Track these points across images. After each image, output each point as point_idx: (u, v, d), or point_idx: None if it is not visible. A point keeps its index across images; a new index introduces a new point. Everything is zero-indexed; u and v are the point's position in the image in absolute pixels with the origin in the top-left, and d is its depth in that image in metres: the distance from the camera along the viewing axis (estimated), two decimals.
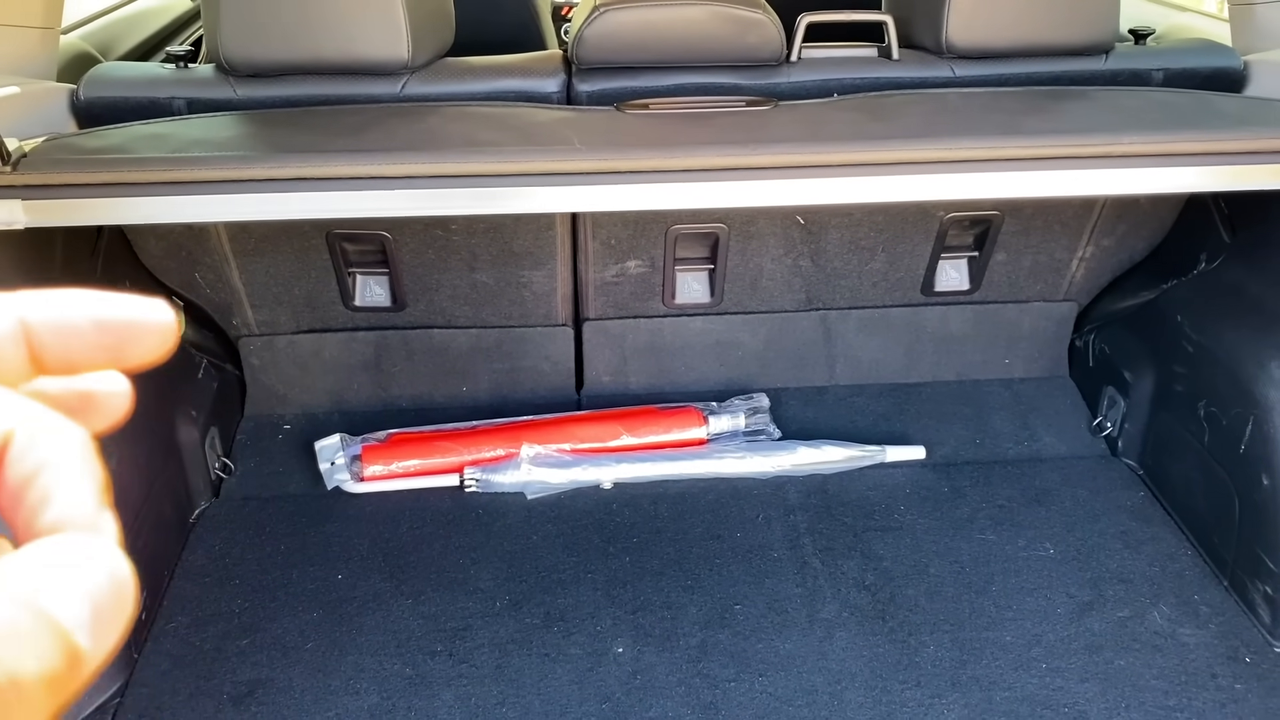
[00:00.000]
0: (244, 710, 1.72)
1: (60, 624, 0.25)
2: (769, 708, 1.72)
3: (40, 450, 0.28)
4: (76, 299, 0.31)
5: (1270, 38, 2.09)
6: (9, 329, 0.30)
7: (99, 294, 0.31)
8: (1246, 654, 1.82)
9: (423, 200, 1.54)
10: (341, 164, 1.52)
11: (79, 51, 2.37)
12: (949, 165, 1.55)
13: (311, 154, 1.52)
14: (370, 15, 1.80)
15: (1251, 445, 1.89)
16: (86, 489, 0.28)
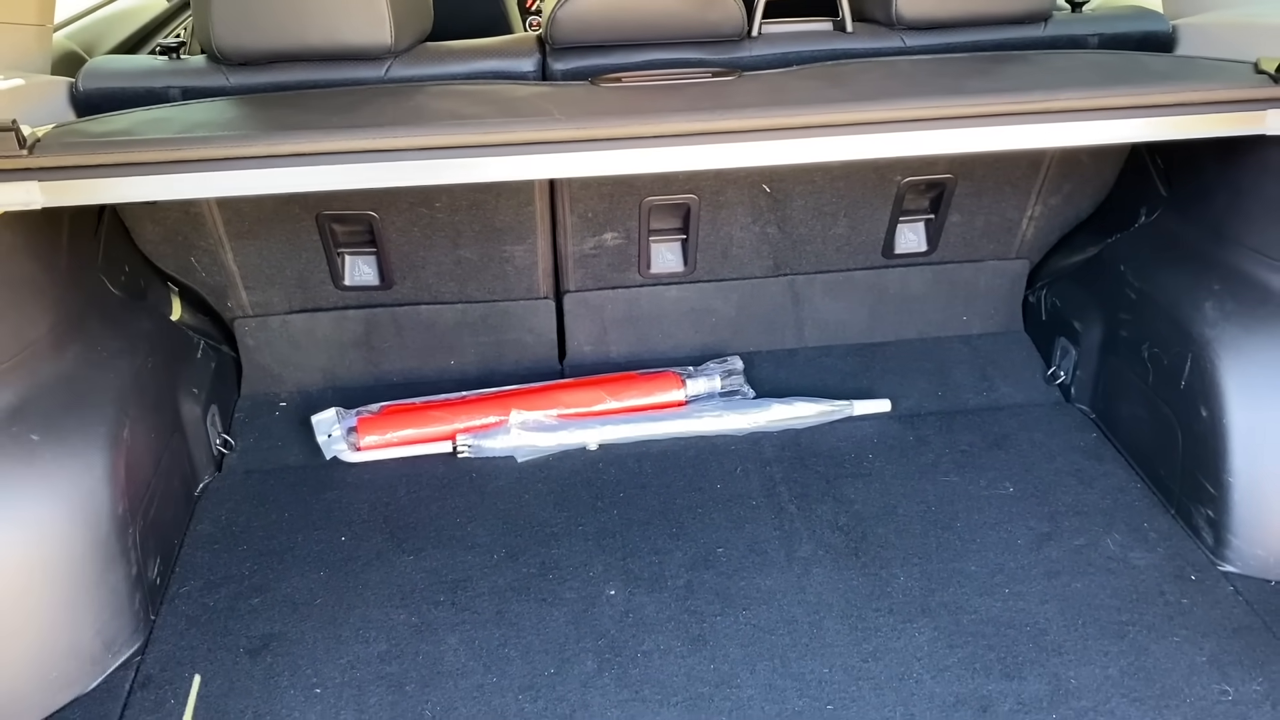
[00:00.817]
0: (260, 661, 1.83)
1: None
2: (753, 638, 1.85)
3: None
4: None
5: (1196, 3, 2.24)
6: None
7: None
8: (1192, 573, 1.97)
9: (410, 172, 1.65)
10: (335, 139, 1.63)
11: (65, 49, 2.46)
12: (902, 125, 1.68)
13: (307, 131, 1.63)
14: (355, 3, 1.91)
15: (1191, 381, 2.04)
16: None
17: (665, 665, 1.80)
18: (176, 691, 1.77)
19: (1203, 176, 2.16)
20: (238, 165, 1.61)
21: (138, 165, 1.59)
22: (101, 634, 1.78)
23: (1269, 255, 1.97)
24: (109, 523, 1.80)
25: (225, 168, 1.61)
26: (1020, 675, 1.77)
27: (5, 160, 1.54)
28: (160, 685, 1.78)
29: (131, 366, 1.98)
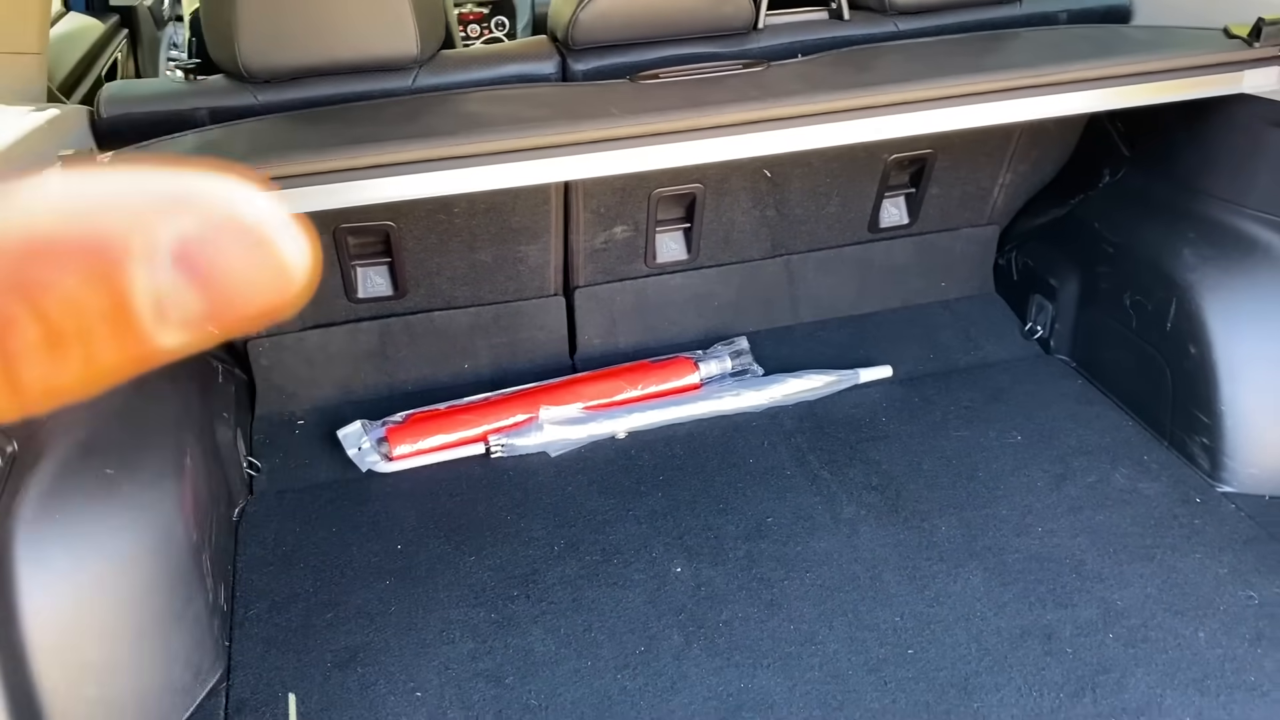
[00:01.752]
0: (351, 673, 1.84)
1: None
2: (822, 597, 1.95)
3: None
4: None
5: None
6: None
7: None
8: (1196, 496, 2.17)
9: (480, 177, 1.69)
10: (410, 149, 1.66)
11: None
12: (936, 102, 1.81)
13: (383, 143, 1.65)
14: (383, 16, 1.93)
15: (1176, 322, 2.23)
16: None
17: (748, 631, 1.89)
18: (274, 713, 1.77)
19: (1166, 137, 2.36)
20: (312, 182, 1.62)
21: None
22: (190, 664, 1.77)
23: (1240, 203, 2.18)
24: (186, 551, 1.78)
25: (299, 184, 1.62)
26: (1072, 603, 1.92)
27: None
28: (255, 708, 1.78)
29: (177, 394, 1.96)
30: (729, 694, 1.77)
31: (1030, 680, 1.77)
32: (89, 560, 1.64)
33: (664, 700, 1.76)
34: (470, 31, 3.66)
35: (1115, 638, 1.84)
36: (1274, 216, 2.14)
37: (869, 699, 1.75)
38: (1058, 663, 1.80)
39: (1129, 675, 1.77)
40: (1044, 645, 1.83)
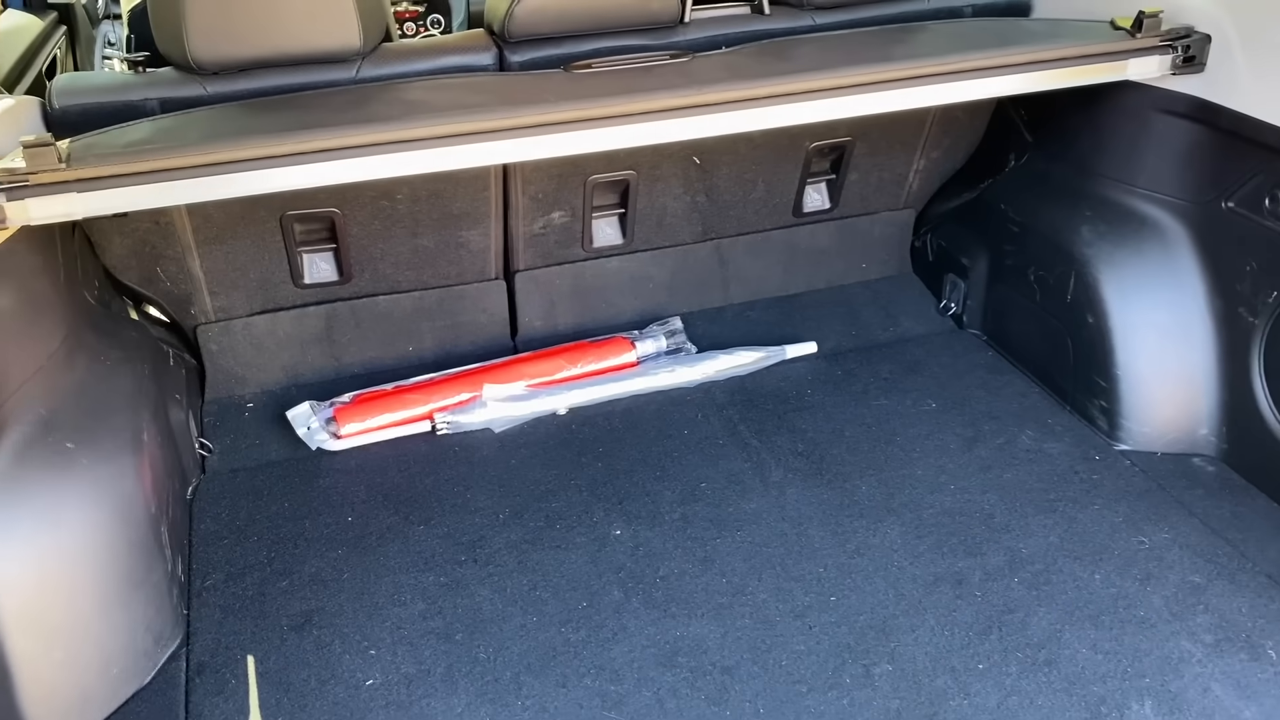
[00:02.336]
0: (307, 635, 1.93)
1: None
2: (752, 552, 2.09)
3: None
4: None
5: None
6: None
7: None
8: (1095, 454, 2.34)
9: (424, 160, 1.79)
10: (356, 134, 1.75)
11: None
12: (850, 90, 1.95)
13: (328, 129, 1.75)
14: (327, 10, 2.02)
15: (1076, 294, 2.41)
16: None
17: (683, 585, 2.02)
18: (235, 673, 1.86)
19: (1064, 123, 2.53)
20: (262, 166, 1.71)
21: (167, 171, 1.67)
22: (150, 629, 1.85)
23: (1130, 183, 2.36)
24: (145, 522, 1.86)
25: (249, 168, 1.71)
26: (981, 552, 2.08)
27: (47, 174, 1.59)
28: (217, 669, 1.86)
29: (132, 375, 2.03)
30: (666, 641, 1.89)
31: (942, 621, 1.92)
32: (52, 529, 1.72)
33: (605, 649, 1.88)
34: (406, 30, 3.75)
35: (1020, 581, 2.00)
36: (1161, 195, 2.32)
37: (795, 642, 1.88)
38: (967, 605, 1.95)
39: (1032, 614, 1.93)
40: (955, 590, 1.99)
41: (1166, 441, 2.33)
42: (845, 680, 1.81)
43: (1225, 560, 2.04)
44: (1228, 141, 2.15)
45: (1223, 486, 2.24)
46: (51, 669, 1.70)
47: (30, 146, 1.59)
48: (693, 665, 1.84)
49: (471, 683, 1.82)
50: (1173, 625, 1.90)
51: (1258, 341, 2.17)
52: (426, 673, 1.85)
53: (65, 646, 1.71)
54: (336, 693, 1.82)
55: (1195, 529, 2.12)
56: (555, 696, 1.79)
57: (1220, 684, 1.78)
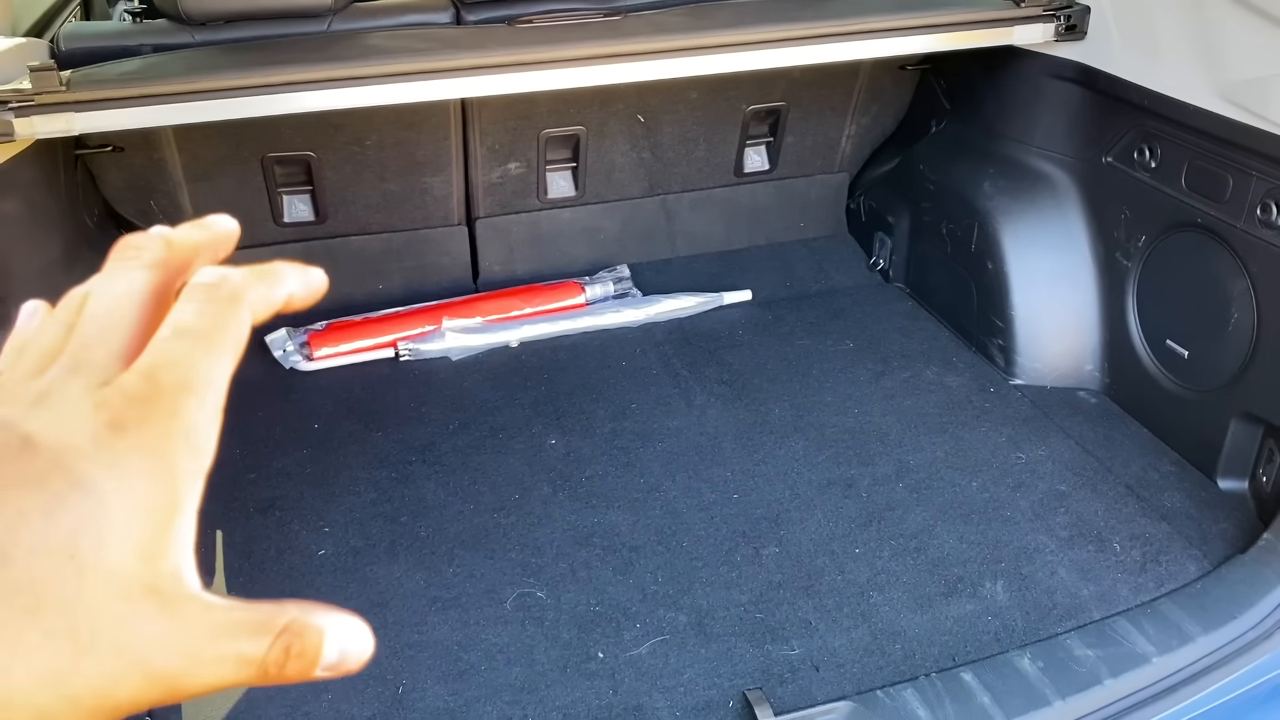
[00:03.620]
0: (270, 516, 2.20)
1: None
2: (669, 459, 2.35)
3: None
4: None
5: None
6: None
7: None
8: (991, 387, 2.59)
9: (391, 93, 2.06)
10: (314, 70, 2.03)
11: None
12: (754, 46, 2.21)
13: (294, 65, 2.02)
14: None
15: (978, 244, 2.66)
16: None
17: (605, 483, 2.28)
18: (204, 544, 2.12)
19: (974, 90, 2.79)
20: (238, 94, 1.98)
21: (154, 96, 1.94)
22: None
23: (1026, 141, 2.62)
24: None
25: (228, 96, 1.98)
26: (873, 462, 2.33)
27: (48, 95, 1.87)
28: None
29: None
30: (584, 526, 2.15)
31: (829, 515, 2.17)
32: None
33: (530, 531, 2.14)
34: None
35: (904, 486, 2.25)
36: (1053, 152, 2.58)
37: (697, 529, 2.14)
38: (854, 503, 2.21)
39: (910, 512, 2.18)
40: (844, 491, 2.24)
41: (1056, 376, 2.58)
42: (736, 559, 2.06)
43: (1091, 473, 2.28)
44: (1106, 102, 2.40)
45: (1101, 414, 2.49)
46: None
47: (36, 70, 1.87)
48: (605, 545, 2.10)
49: (411, 555, 2.09)
50: (1034, 524, 2.14)
51: (1131, 283, 2.42)
52: (372, 546, 2.11)
53: None
54: (292, 560, 2.08)
55: (1070, 448, 2.36)
56: (483, 565, 2.05)
57: (1066, 569, 2.03)
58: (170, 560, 0.34)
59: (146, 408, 0.35)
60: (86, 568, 0.32)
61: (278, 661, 0.34)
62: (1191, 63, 2.13)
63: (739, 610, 1.93)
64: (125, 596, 0.33)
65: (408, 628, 1.90)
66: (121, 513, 0.33)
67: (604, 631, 1.89)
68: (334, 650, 0.35)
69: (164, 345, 0.36)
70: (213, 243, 0.43)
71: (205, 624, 0.34)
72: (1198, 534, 2.09)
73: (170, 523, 0.35)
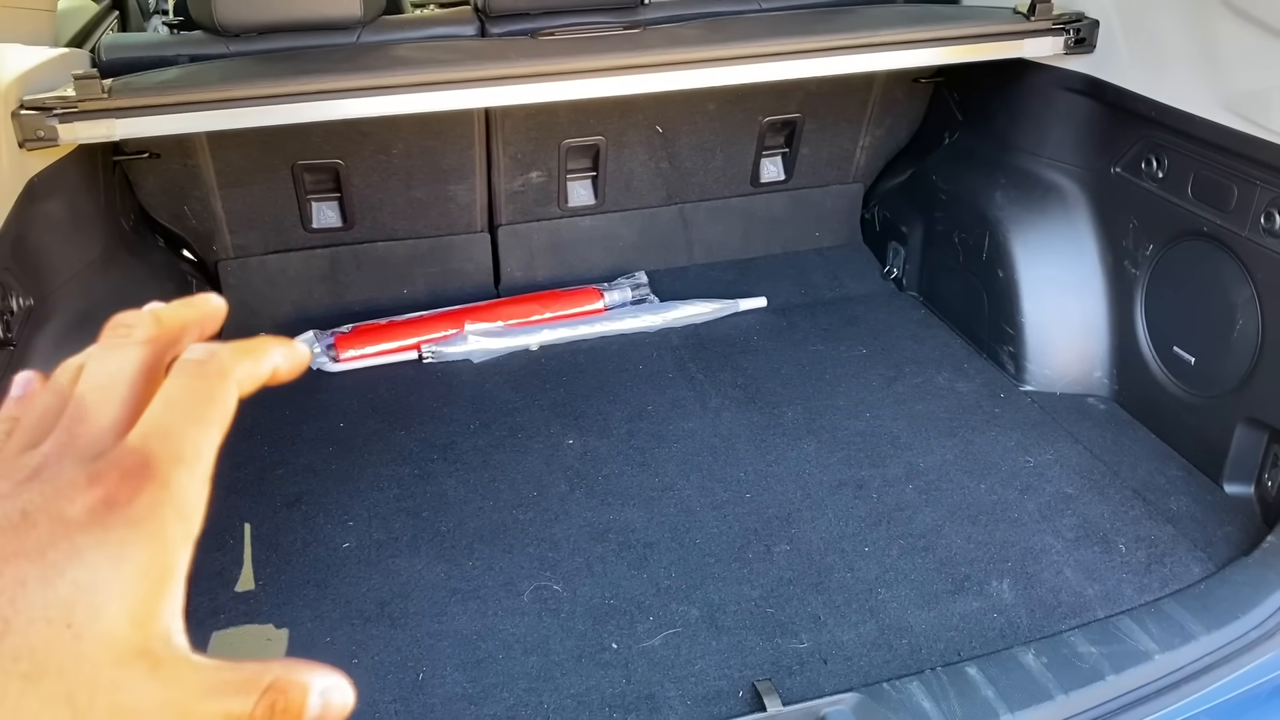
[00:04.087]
0: (297, 510, 2.27)
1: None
2: (684, 459, 2.41)
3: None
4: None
5: None
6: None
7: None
8: (1001, 393, 2.64)
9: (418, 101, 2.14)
10: (343, 80, 2.11)
11: None
12: (768, 58, 2.28)
13: (323, 75, 2.10)
14: None
15: (990, 253, 2.71)
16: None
17: (621, 482, 2.34)
18: (234, 536, 2.20)
19: (986, 102, 2.85)
20: (270, 102, 2.06)
21: (191, 104, 2.03)
22: None
23: (1037, 153, 2.67)
24: None
25: (261, 104, 2.06)
26: (883, 464, 2.38)
27: (91, 102, 1.96)
28: (218, 533, 2.20)
29: (159, 288, 2.39)
30: (600, 523, 2.21)
31: (840, 515, 2.23)
32: None
33: (548, 527, 2.20)
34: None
35: (914, 488, 2.30)
36: (1063, 163, 2.63)
37: (710, 526, 2.20)
38: (864, 504, 2.26)
39: (919, 512, 2.23)
40: (855, 492, 2.29)
41: (1065, 382, 2.62)
42: (748, 555, 2.11)
43: (1098, 477, 2.33)
44: (1114, 114, 2.45)
45: (1110, 420, 2.53)
46: None
47: (80, 79, 1.96)
48: (620, 540, 2.16)
49: (432, 548, 2.15)
50: (1041, 525, 2.19)
51: (1140, 291, 2.46)
52: (395, 539, 2.18)
53: None
54: (317, 552, 2.15)
55: (1078, 453, 2.40)
56: (501, 559, 2.11)
57: (1072, 569, 2.07)
58: (161, 623, 0.36)
59: (140, 480, 0.36)
60: (83, 635, 0.34)
61: (264, 718, 0.36)
62: (1197, 75, 2.18)
63: (750, 605, 1.98)
64: (119, 661, 0.34)
65: (428, 617, 1.97)
66: (116, 581, 0.35)
67: (618, 624, 1.95)
68: (317, 704, 0.37)
69: (156, 419, 0.38)
70: (201, 319, 0.45)
71: (195, 684, 0.36)
72: (1203, 537, 2.13)
73: (162, 588, 0.36)
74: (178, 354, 0.42)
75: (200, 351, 0.41)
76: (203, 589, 2.04)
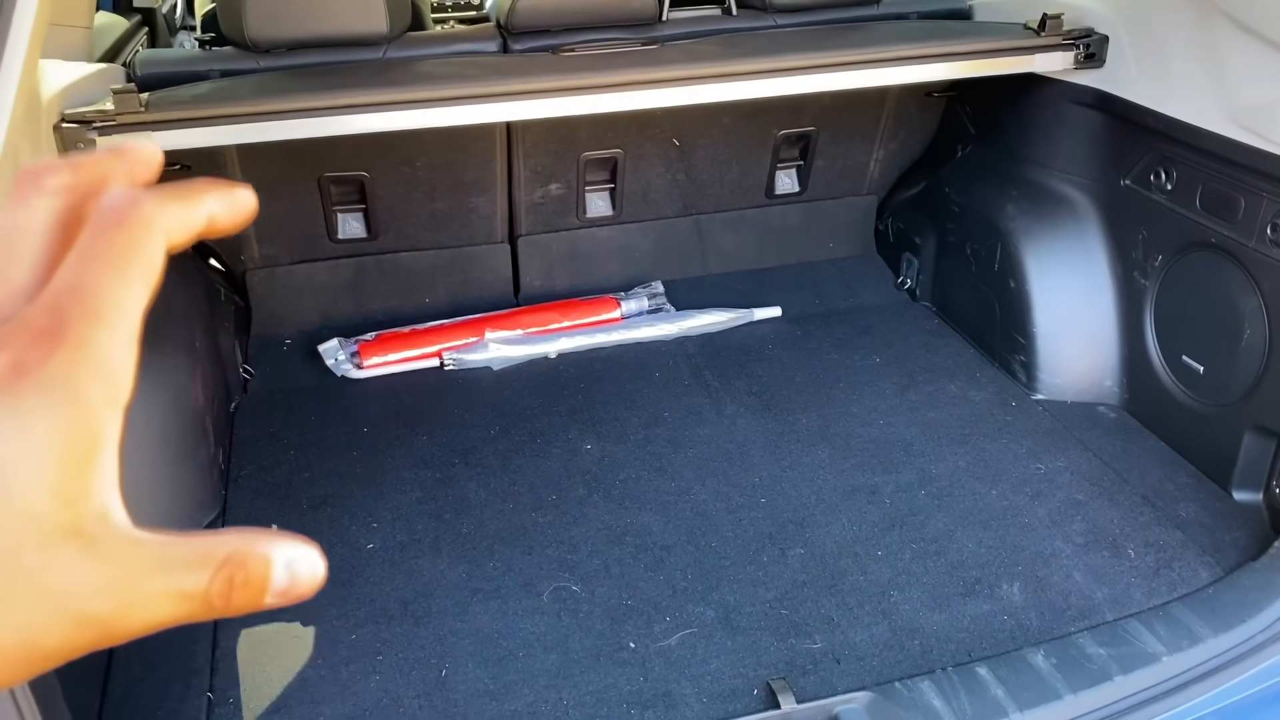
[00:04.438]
0: (323, 512, 2.33)
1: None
2: (700, 465, 2.45)
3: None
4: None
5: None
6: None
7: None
8: (1013, 401, 2.68)
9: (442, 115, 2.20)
10: (370, 94, 2.17)
11: None
12: (782, 73, 2.34)
13: (353, 89, 2.17)
14: (360, 1, 2.46)
15: (1001, 263, 2.76)
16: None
17: (638, 486, 2.39)
18: None
19: (998, 116, 2.89)
20: (300, 116, 2.13)
21: (225, 117, 2.10)
22: (194, 498, 2.25)
23: (1048, 165, 2.71)
24: (194, 412, 2.27)
25: (291, 118, 2.13)
26: (896, 470, 2.42)
27: (129, 115, 2.03)
28: None
29: (190, 296, 2.46)
30: (617, 526, 2.26)
31: (853, 519, 2.27)
32: None
33: (567, 530, 2.26)
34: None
35: (926, 494, 2.34)
36: (1073, 175, 2.67)
37: (725, 529, 2.24)
38: (877, 509, 2.30)
39: (931, 518, 2.27)
40: (868, 498, 2.34)
41: (1076, 391, 2.66)
42: (763, 559, 2.16)
43: (1108, 483, 2.36)
44: (1124, 127, 2.50)
45: (1119, 428, 2.56)
46: None
47: (118, 93, 2.03)
48: (638, 543, 2.21)
49: (454, 549, 2.21)
50: (1051, 530, 2.22)
51: (1149, 301, 2.50)
52: (417, 541, 2.23)
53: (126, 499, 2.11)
54: (342, 553, 2.21)
55: (1088, 460, 2.44)
56: (521, 560, 2.17)
57: (1081, 573, 2.11)
58: (95, 500, 0.33)
59: (52, 342, 0.32)
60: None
61: (222, 593, 0.34)
62: (1204, 89, 2.22)
63: (764, 606, 2.03)
64: (45, 542, 0.32)
65: (451, 616, 2.02)
66: (29, 454, 0.32)
67: (635, 624, 2.00)
68: (282, 576, 0.34)
69: (69, 275, 0.33)
70: (130, 169, 0.38)
71: (137, 562, 0.33)
72: (1211, 542, 2.16)
73: (89, 460, 0.33)
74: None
75: (120, 198, 0.35)
76: None
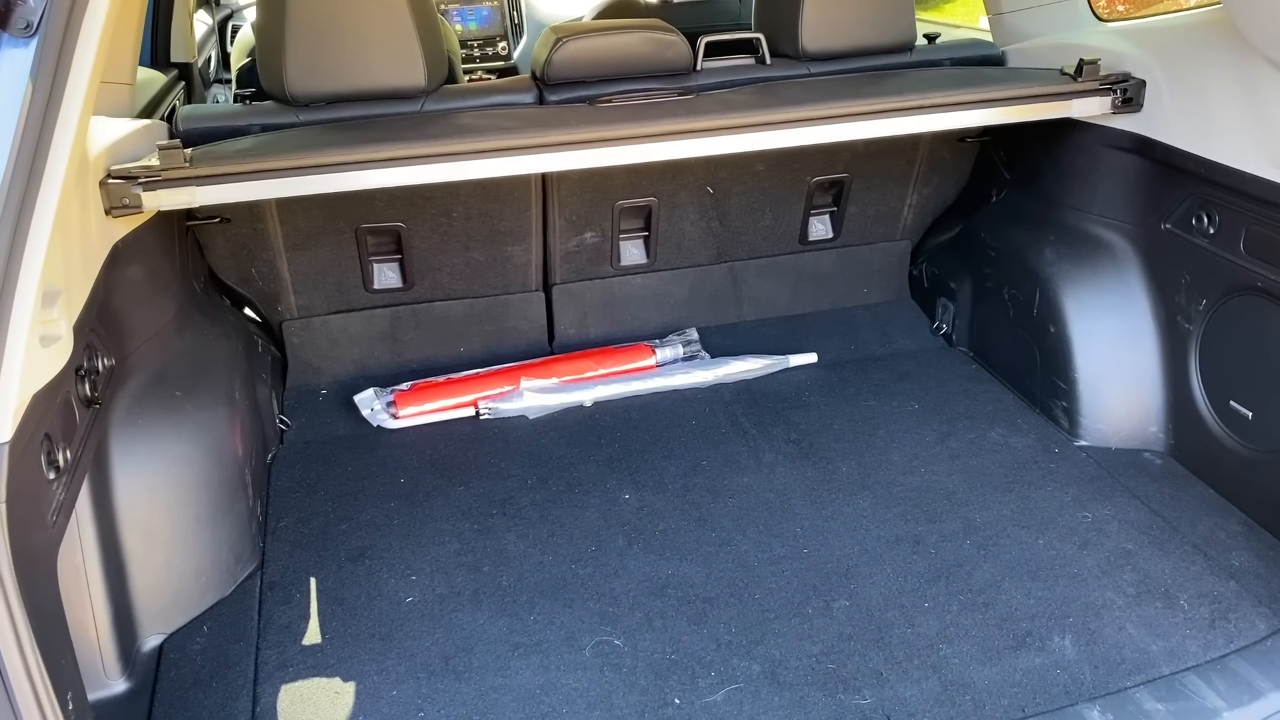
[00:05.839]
0: (361, 565, 2.31)
1: None
2: (740, 514, 2.43)
3: None
4: None
5: (1017, 34, 3.00)
6: None
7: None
8: (1055, 448, 2.64)
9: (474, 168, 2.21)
10: (410, 147, 2.19)
11: None
12: (819, 121, 2.34)
13: (393, 143, 2.18)
14: (399, 55, 2.48)
15: (1041, 308, 2.73)
16: None
17: (678, 537, 2.36)
18: (300, 590, 2.24)
19: (1034, 160, 2.88)
20: (340, 169, 2.15)
21: (266, 171, 2.11)
22: (233, 550, 2.24)
23: (1085, 210, 2.70)
24: (233, 463, 2.27)
25: (331, 171, 2.14)
26: (940, 520, 2.39)
27: (174, 170, 2.05)
28: (285, 586, 2.25)
29: (229, 349, 2.46)
30: (659, 578, 2.23)
31: (899, 570, 2.23)
32: (161, 459, 2.13)
33: (607, 582, 2.23)
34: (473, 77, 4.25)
35: (971, 543, 2.31)
36: (1112, 219, 2.65)
37: (768, 581, 2.21)
38: (922, 559, 2.26)
39: (978, 568, 2.23)
40: (913, 548, 2.30)
41: (1120, 437, 2.62)
42: (808, 611, 2.13)
43: (1158, 532, 2.32)
44: (1163, 171, 2.48)
45: (1166, 475, 2.52)
46: (155, 569, 2.10)
47: (164, 149, 2.05)
48: (680, 596, 2.18)
49: (494, 602, 2.18)
50: (1101, 580, 2.18)
51: (1194, 346, 2.47)
52: (457, 594, 2.21)
53: (166, 552, 2.11)
54: (381, 606, 2.19)
55: (1135, 507, 2.40)
56: (562, 614, 2.14)
57: (1134, 625, 2.06)
58: None
59: None
60: None
61: None
62: (1245, 132, 2.20)
63: (811, 660, 1.99)
64: None
65: (491, 671, 1.99)
66: None
67: (680, 679, 1.96)
68: None
69: None
70: None
71: None
72: (1266, 592, 2.11)
73: None
74: None
75: None
76: (271, 642, 2.08)
